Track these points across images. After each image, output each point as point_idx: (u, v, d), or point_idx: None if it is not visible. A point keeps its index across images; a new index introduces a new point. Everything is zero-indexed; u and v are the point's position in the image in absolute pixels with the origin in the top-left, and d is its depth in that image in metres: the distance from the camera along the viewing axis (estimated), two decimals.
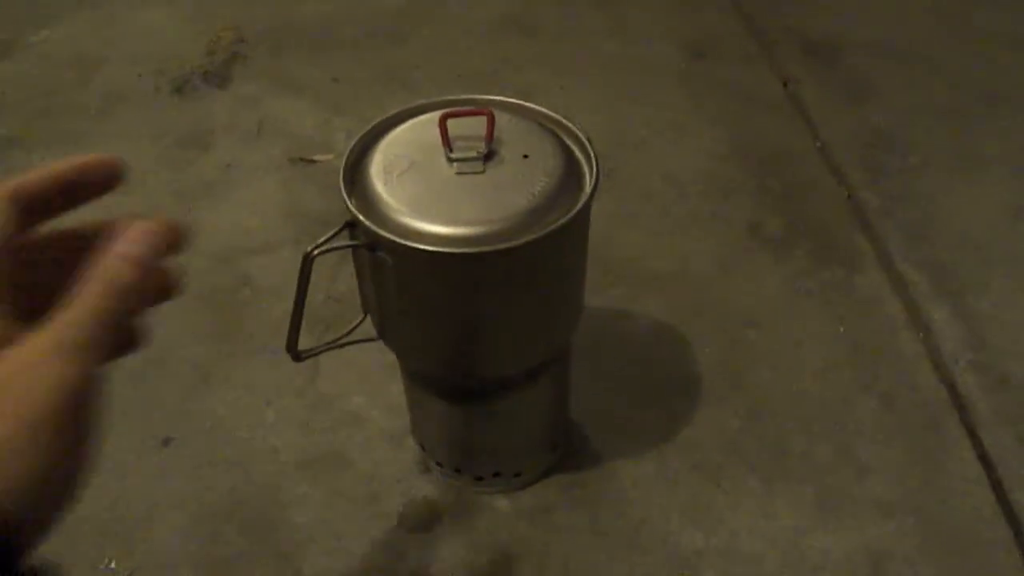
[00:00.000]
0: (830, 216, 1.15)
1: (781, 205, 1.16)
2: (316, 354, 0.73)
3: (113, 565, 0.84)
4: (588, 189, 0.66)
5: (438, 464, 0.88)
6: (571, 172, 0.67)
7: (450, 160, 0.65)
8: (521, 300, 0.67)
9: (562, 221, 0.61)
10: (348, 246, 0.65)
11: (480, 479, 0.88)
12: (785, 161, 1.23)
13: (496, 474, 0.87)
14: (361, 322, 0.76)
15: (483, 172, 0.65)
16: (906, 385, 0.96)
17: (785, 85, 1.37)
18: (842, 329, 1.01)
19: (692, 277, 1.08)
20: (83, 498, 0.87)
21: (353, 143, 0.69)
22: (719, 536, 0.85)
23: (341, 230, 0.64)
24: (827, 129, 1.27)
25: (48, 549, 0.42)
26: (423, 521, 0.87)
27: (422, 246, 0.60)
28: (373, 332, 0.75)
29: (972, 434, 0.92)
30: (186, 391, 0.98)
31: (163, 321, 1.04)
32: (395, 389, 0.89)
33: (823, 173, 1.20)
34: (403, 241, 0.60)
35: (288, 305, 0.67)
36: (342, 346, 0.75)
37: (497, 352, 0.72)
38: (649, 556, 0.83)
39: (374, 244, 0.63)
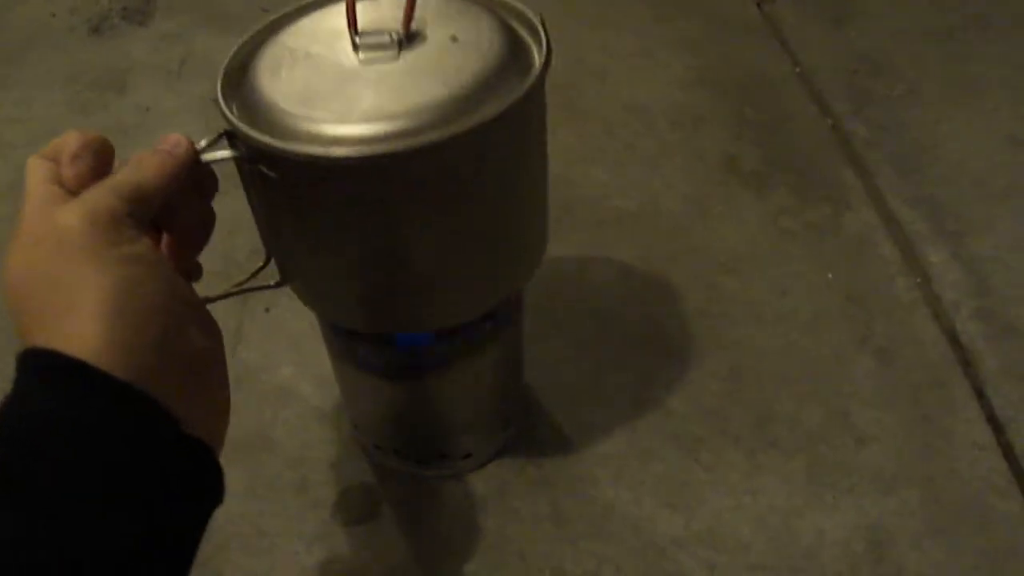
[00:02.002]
0: (813, 148, 1.03)
1: (759, 136, 1.04)
2: (210, 302, 0.55)
3: None
4: (536, 73, 0.51)
5: (376, 446, 0.77)
6: (514, 58, 0.52)
7: (356, 47, 0.52)
8: (450, 227, 0.53)
9: (497, 110, 0.47)
10: (223, 159, 0.50)
11: (423, 462, 0.76)
12: (762, 89, 1.10)
13: (442, 456, 0.76)
14: (264, 266, 0.60)
15: (397, 59, 0.51)
16: (904, 338, 0.85)
17: (759, 5, 1.24)
18: (831, 275, 0.90)
19: (663, 217, 0.96)
20: None
21: (243, 39, 0.55)
22: (699, 519, 0.74)
23: (216, 140, 0.49)
24: (807, 54, 1.15)
25: None
26: (360, 512, 0.75)
27: (299, 148, 0.46)
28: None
29: (979, 393, 0.81)
30: None
31: None
32: (326, 358, 0.77)
33: (804, 101, 1.08)
34: (280, 144, 0.46)
35: (213, 260, 0.54)
36: (240, 293, 0.59)
37: (426, 299, 0.57)
38: (619, 546, 0.73)
39: (253, 155, 0.49)
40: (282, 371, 0.84)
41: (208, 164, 0.48)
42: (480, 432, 0.76)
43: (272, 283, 0.60)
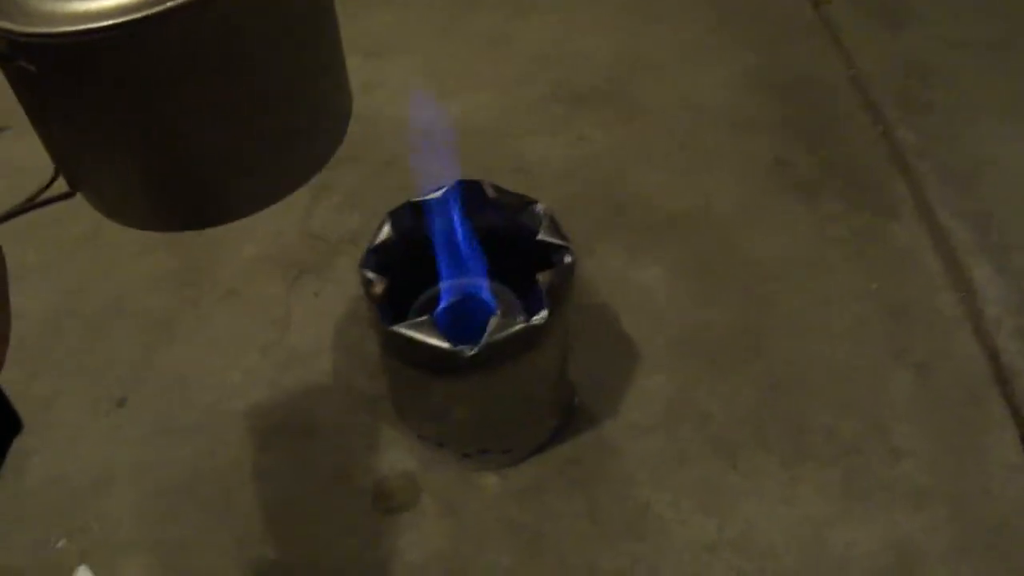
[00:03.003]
0: (863, 155, 1.03)
1: (810, 141, 1.04)
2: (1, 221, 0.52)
3: (61, 544, 0.76)
4: None
5: (419, 436, 0.79)
6: None
7: None
8: (230, 96, 0.47)
9: None
10: None
11: (466, 455, 0.79)
12: (815, 91, 1.10)
13: (483, 450, 0.78)
14: (54, 178, 0.54)
15: None
16: (944, 353, 0.86)
17: (816, 5, 1.22)
18: (875, 286, 0.90)
19: (712, 221, 0.97)
20: (30, 466, 0.78)
21: None
22: (733, 525, 0.76)
23: None
24: (861, 56, 1.14)
25: None
26: (400, 501, 0.78)
27: (32, 29, 0.41)
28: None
29: (1015, 412, 0.82)
30: (143, 344, 0.88)
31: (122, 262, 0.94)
32: (374, 346, 0.79)
33: (856, 106, 1.08)
34: (17, 28, 0.41)
35: (257, 247, 0.54)
36: (30, 209, 0.53)
37: (223, 185, 0.52)
38: (654, 546, 0.75)
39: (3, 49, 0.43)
40: (328, 357, 0.87)
41: None
42: (522, 428, 0.78)
43: (62, 193, 0.53)
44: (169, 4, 0.41)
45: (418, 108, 0.70)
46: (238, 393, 0.84)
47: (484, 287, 0.76)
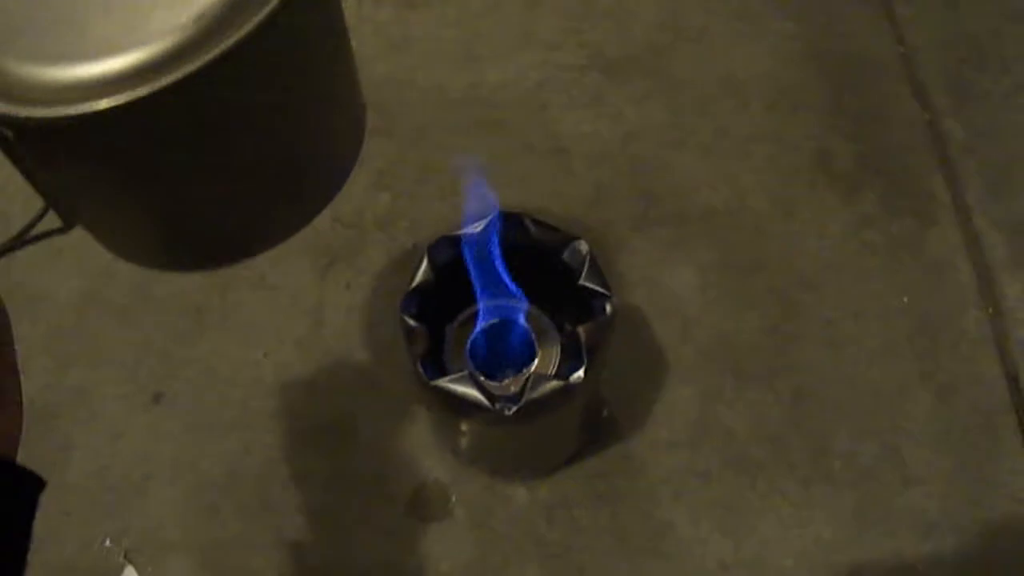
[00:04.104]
0: (907, 147, 1.00)
1: (854, 129, 1.00)
2: None
3: (108, 543, 0.79)
4: None
5: (451, 451, 0.81)
6: None
7: None
8: (221, 160, 0.43)
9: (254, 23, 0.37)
10: None
11: (496, 472, 0.81)
12: (864, 70, 1.05)
13: (515, 469, 0.81)
14: (44, 213, 0.47)
15: None
16: (967, 376, 0.87)
17: None
18: (906, 299, 0.90)
19: (749, 217, 0.95)
20: (73, 460, 0.80)
21: None
22: (748, 546, 0.80)
23: None
24: (913, 30, 1.08)
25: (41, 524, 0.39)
26: (433, 510, 0.81)
27: (16, 111, 0.36)
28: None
29: None
30: (174, 334, 0.88)
31: None
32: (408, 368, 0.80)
33: (904, 90, 1.03)
34: None
35: None
36: (19, 246, 0.47)
37: (234, 231, 0.49)
38: (672, 566, 0.79)
39: None
40: (362, 356, 0.87)
41: None
42: (553, 452, 0.80)
43: (55, 228, 0.48)
44: (184, 70, 0.36)
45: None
46: (272, 390, 0.85)
47: (521, 312, 0.76)
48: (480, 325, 0.74)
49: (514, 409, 0.65)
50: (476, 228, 0.71)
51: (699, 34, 1.06)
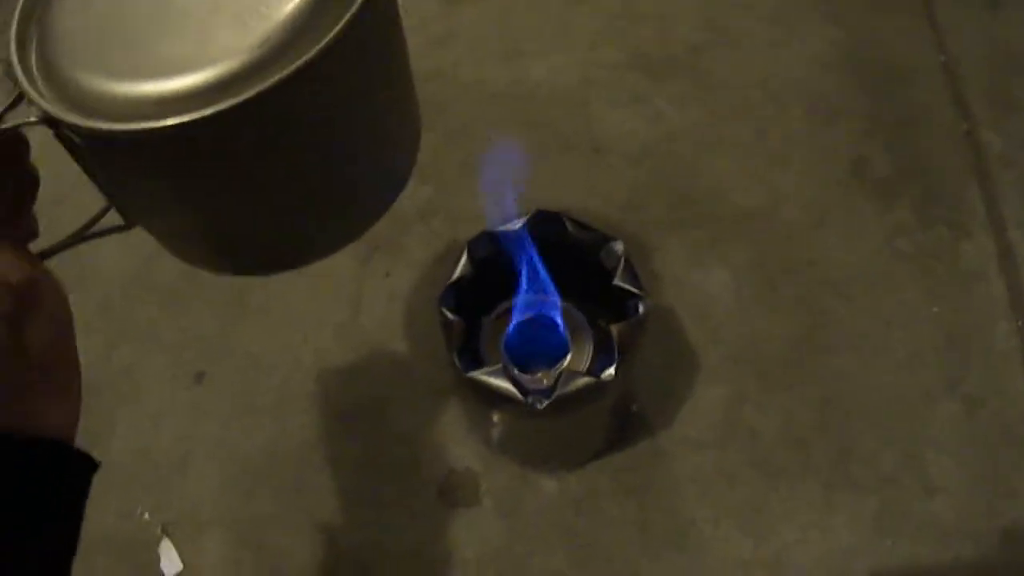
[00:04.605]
0: (944, 156, 1.00)
1: (891, 137, 1.01)
2: (49, 256, 0.47)
3: (147, 516, 0.82)
4: None
5: (483, 441, 0.83)
6: None
7: None
8: (287, 177, 0.45)
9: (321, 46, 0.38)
10: (23, 125, 0.40)
11: (526, 462, 0.83)
12: (903, 77, 1.05)
13: (545, 460, 0.83)
14: (107, 208, 0.49)
15: None
16: (993, 388, 0.88)
17: None
18: (936, 309, 0.91)
19: (783, 223, 0.96)
20: (116, 436, 0.83)
21: None
22: (767, 547, 0.81)
23: (14, 103, 0.41)
24: (955, 39, 1.08)
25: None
26: (462, 496, 0.83)
27: (89, 123, 0.38)
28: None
29: None
30: (218, 317, 0.91)
31: None
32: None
33: (943, 99, 1.04)
34: (65, 117, 0.38)
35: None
36: (81, 241, 0.49)
37: (298, 236, 0.50)
38: (694, 562, 0.80)
39: (51, 120, 0.40)
40: (400, 343, 0.90)
41: (10, 130, 0.40)
42: (583, 446, 0.82)
43: (116, 225, 0.50)
44: (247, 92, 0.37)
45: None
46: (310, 374, 0.88)
47: (556, 308, 0.78)
48: (516, 319, 0.77)
49: (546, 403, 0.67)
50: (515, 225, 0.73)
51: (739, 37, 1.07)
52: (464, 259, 0.73)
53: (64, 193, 0.44)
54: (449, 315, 0.70)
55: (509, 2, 1.09)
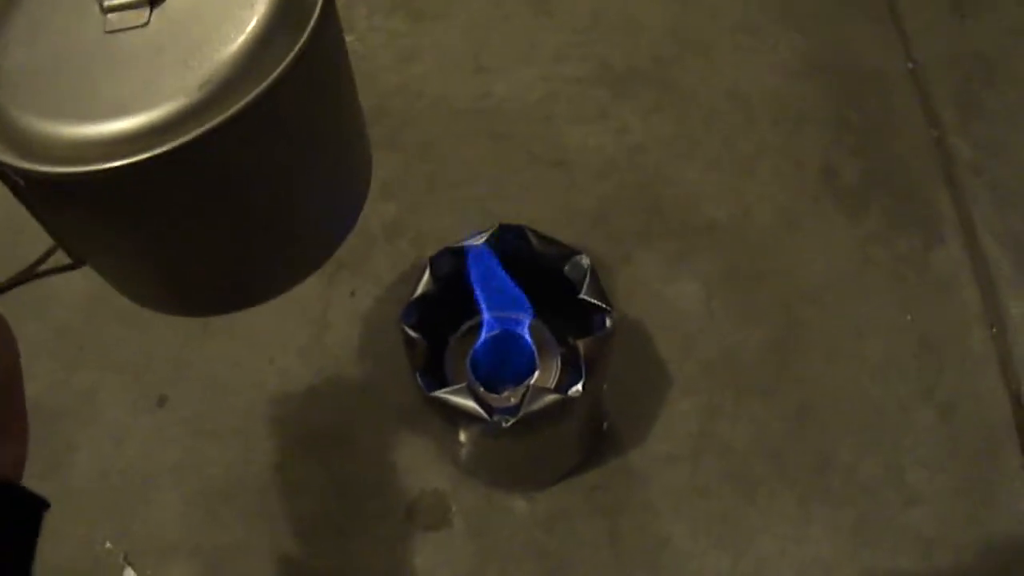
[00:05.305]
0: (914, 165, 0.99)
1: (861, 144, 1.00)
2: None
3: (108, 545, 0.80)
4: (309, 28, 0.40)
5: (452, 461, 0.82)
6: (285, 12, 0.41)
7: (103, 9, 0.41)
8: (231, 216, 0.44)
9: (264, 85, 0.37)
10: None
11: (495, 483, 0.81)
12: (871, 84, 1.05)
13: (515, 482, 0.81)
14: (55, 248, 0.48)
15: (147, 24, 0.40)
16: (969, 394, 0.87)
17: None
18: (910, 317, 0.90)
19: (753, 232, 0.95)
20: (77, 461, 0.81)
21: None
22: (746, 562, 0.79)
23: None
24: (923, 47, 1.08)
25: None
26: (433, 519, 0.81)
27: (24, 165, 0.37)
28: None
29: None
30: (179, 338, 0.89)
31: None
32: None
33: (912, 105, 1.03)
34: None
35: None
36: (28, 280, 0.48)
37: (241, 282, 0.49)
38: None
39: None
40: (364, 364, 0.88)
41: None
42: (553, 464, 0.80)
43: (66, 264, 0.49)
44: (187, 135, 0.36)
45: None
46: (275, 400, 0.86)
47: (523, 324, 0.76)
48: (482, 337, 0.75)
49: (512, 421, 0.66)
50: (478, 240, 0.72)
51: (706, 48, 1.06)
52: (427, 276, 0.72)
53: (22, 224, 0.43)
54: (411, 333, 0.69)
55: (476, 17, 1.08)
